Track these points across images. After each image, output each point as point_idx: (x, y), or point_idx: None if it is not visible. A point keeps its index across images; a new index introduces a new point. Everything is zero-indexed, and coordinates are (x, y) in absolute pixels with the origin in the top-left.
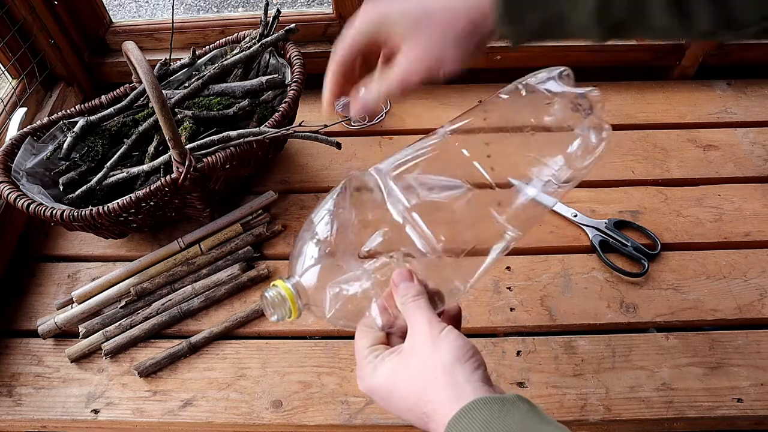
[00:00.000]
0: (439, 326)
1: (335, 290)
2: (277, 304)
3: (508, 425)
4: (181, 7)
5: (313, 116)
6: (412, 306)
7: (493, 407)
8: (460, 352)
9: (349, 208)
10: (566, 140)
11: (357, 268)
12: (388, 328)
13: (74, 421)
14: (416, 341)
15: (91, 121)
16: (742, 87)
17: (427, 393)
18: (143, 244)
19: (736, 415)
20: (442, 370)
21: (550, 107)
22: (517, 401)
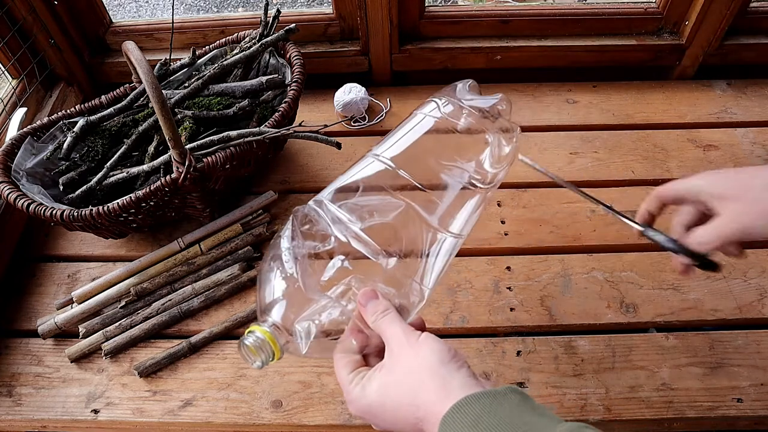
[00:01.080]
0: (414, 334)
1: (306, 325)
2: (258, 348)
3: (498, 418)
4: (181, 7)
5: (313, 116)
6: (384, 321)
7: (484, 401)
8: (442, 354)
9: (302, 242)
10: (480, 144)
11: (322, 299)
12: (363, 350)
13: (74, 421)
14: (396, 352)
15: (91, 121)
16: (742, 87)
17: (416, 398)
18: (143, 244)
19: (736, 415)
20: (428, 373)
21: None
22: (509, 393)
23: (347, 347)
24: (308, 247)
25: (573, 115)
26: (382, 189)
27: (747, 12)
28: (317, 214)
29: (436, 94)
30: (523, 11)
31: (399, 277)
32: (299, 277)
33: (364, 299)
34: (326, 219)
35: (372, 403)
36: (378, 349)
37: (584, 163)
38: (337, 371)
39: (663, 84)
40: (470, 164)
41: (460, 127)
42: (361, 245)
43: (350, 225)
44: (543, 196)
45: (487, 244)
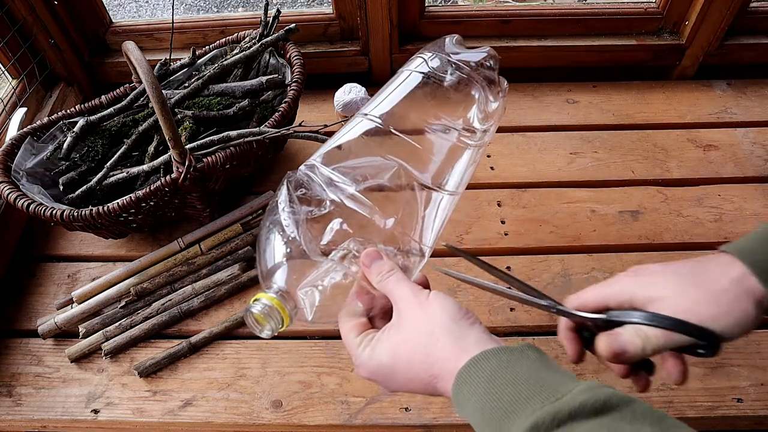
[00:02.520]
0: (423, 292)
1: (310, 290)
2: (266, 315)
3: (515, 373)
4: (181, 7)
5: (313, 116)
6: (390, 281)
7: (501, 357)
8: (453, 311)
9: (298, 207)
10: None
11: (324, 262)
12: (369, 312)
13: (74, 421)
14: (405, 311)
15: (91, 121)
16: (742, 87)
17: (430, 355)
18: (143, 244)
19: (736, 415)
20: (440, 330)
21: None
22: (526, 350)
23: (352, 310)
24: (304, 211)
25: (573, 115)
26: (373, 150)
27: (747, 12)
28: (310, 178)
29: (423, 49)
30: (523, 11)
31: (398, 237)
32: (301, 240)
33: (368, 260)
34: (320, 182)
35: (382, 363)
36: (384, 310)
37: (584, 163)
38: (344, 335)
39: (663, 84)
40: (459, 120)
41: (447, 82)
42: (358, 206)
43: (345, 187)
44: (543, 196)
45: (487, 244)
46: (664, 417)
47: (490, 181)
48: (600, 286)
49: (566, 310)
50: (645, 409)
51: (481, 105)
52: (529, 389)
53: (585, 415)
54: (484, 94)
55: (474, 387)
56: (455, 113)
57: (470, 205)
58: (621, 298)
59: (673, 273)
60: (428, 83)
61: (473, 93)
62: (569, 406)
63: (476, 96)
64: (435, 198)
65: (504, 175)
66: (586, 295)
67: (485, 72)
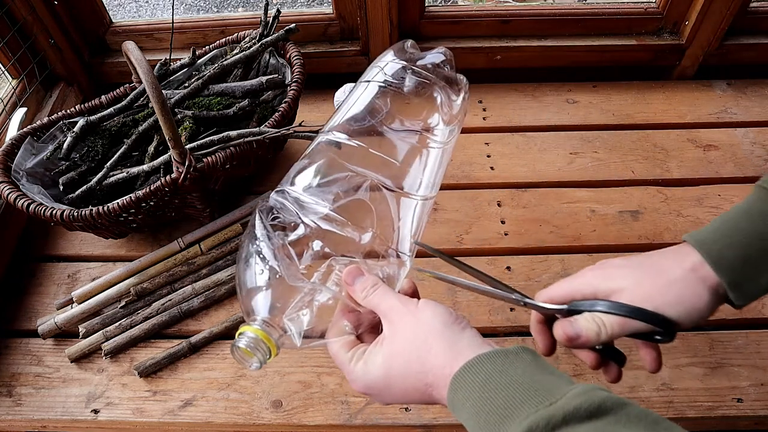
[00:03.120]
0: (412, 301)
1: (295, 316)
2: (252, 348)
3: (509, 377)
4: (181, 7)
5: (313, 116)
6: (376, 295)
7: (496, 360)
8: (444, 316)
9: (272, 234)
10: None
11: (306, 285)
12: (357, 329)
13: (74, 421)
14: (396, 322)
15: (91, 121)
16: (742, 87)
17: (424, 363)
18: (143, 244)
19: (736, 415)
20: (434, 337)
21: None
22: (521, 352)
23: (340, 330)
24: (280, 238)
25: (573, 115)
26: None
27: (747, 12)
28: (282, 204)
29: (379, 58)
30: (523, 11)
31: (377, 249)
32: (279, 267)
33: (350, 278)
34: (292, 206)
35: (376, 377)
36: (372, 325)
37: (584, 163)
38: (334, 354)
39: (663, 84)
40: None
41: (406, 87)
42: (332, 225)
43: (317, 207)
44: (543, 196)
45: (487, 244)
46: (659, 420)
47: (490, 181)
48: (566, 281)
49: (533, 303)
50: (640, 412)
51: (443, 105)
52: (524, 393)
53: (579, 419)
54: (445, 94)
55: (469, 392)
56: (418, 116)
57: (470, 205)
58: (586, 290)
59: (632, 265)
60: (388, 91)
61: (434, 95)
62: (563, 410)
63: (437, 97)
64: (409, 204)
65: (504, 175)
66: (553, 289)
67: (444, 72)
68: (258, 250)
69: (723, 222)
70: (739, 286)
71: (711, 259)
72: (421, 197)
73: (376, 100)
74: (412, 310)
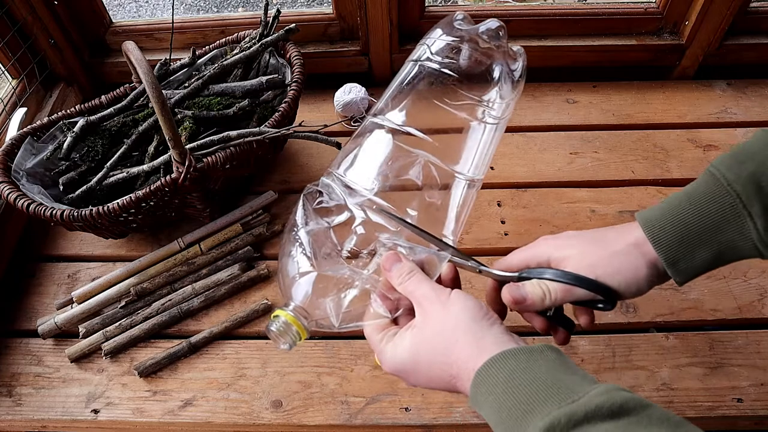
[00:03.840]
0: (444, 291)
1: (333, 299)
2: (283, 331)
3: (533, 374)
4: (181, 7)
5: (313, 116)
6: (411, 282)
7: (520, 357)
8: (474, 311)
9: (317, 219)
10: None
11: (346, 270)
12: (394, 312)
13: (74, 421)
14: (427, 310)
15: (91, 121)
16: (742, 87)
17: (449, 355)
18: (143, 244)
19: (736, 415)
20: (461, 330)
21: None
22: (546, 350)
23: (376, 314)
24: (324, 222)
25: (573, 115)
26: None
27: (747, 12)
28: (330, 188)
29: (427, 35)
30: (523, 11)
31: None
32: (316, 256)
33: (388, 264)
34: (339, 190)
35: (405, 361)
36: (408, 310)
37: (584, 163)
38: (368, 336)
39: (663, 84)
40: (479, 98)
41: (462, 61)
42: (377, 211)
43: (362, 191)
44: (543, 196)
45: (487, 244)
46: (681, 423)
47: (490, 181)
48: (523, 249)
49: (488, 270)
50: (662, 414)
51: (501, 77)
52: (547, 390)
53: (600, 418)
54: (503, 65)
55: (492, 387)
56: (474, 91)
57: None
58: (541, 258)
59: (582, 237)
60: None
61: (492, 66)
62: (585, 408)
63: (495, 69)
64: (457, 186)
65: (504, 175)
66: (510, 257)
67: (499, 43)
68: (296, 237)
69: (668, 202)
70: (676, 263)
71: (651, 236)
72: (469, 178)
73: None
74: (443, 300)
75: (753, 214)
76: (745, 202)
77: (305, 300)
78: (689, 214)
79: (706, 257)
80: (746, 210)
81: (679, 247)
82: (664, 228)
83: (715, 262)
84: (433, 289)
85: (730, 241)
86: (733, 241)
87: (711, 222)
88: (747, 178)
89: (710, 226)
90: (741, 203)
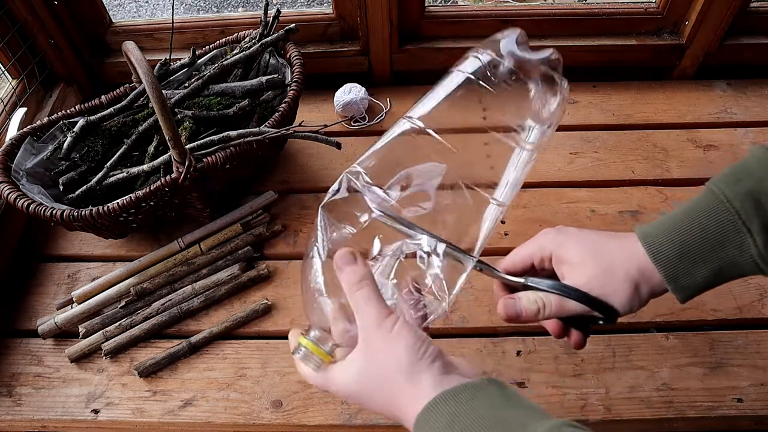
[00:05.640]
0: (390, 319)
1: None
2: (306, 359)
3: (475, 414)
4: (181, 7)
5: (313, 116)
6: (360, 295)
7: (460, 398)
8: (413, 349)
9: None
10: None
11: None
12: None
13: (74, 421)
14: (369, 338)
15: (91, 121)
16: (742, 87)
17: (393, 397)
18: (143, 244)
19: (736, 415)
20: (401, 375)
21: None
22: (487, 386)
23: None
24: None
25: (573, 115)
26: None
27: (747, 12)
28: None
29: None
30: (523, 11)
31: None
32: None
33: (341, 262)
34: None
35: (352, 390)
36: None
37: (584, 163)
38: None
39: (663, 84)
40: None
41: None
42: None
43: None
44: (543, 196)
45: (487, 244)
46: None
47: None
48: (525, 246)
49: (491, 269)
50: None
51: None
52: (490, 431)
53: None
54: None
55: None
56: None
57: None
58: (543, 253)
59: (582, 242)
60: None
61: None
62: None
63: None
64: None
65: None
66: (513, 257)
67: (544, 70)
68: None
69: (668, 218)
70: (676, 280)
71: (651, 252)
72: (498, 202)
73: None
74: (386, 330)
75: (752, 231)
76: (744, 219)
77: (325, 323)
78: (689, 230)
79: (706, 274)
80: (745, 226)
81: (679, 263)
82: (663, 244)
83: (716, 279)
84: (378, 314)
85: (730, 258)
86: (733, 257)
87: (711, 238)
88: (745, 195)
89: (710, 243)
90: (740, 220)
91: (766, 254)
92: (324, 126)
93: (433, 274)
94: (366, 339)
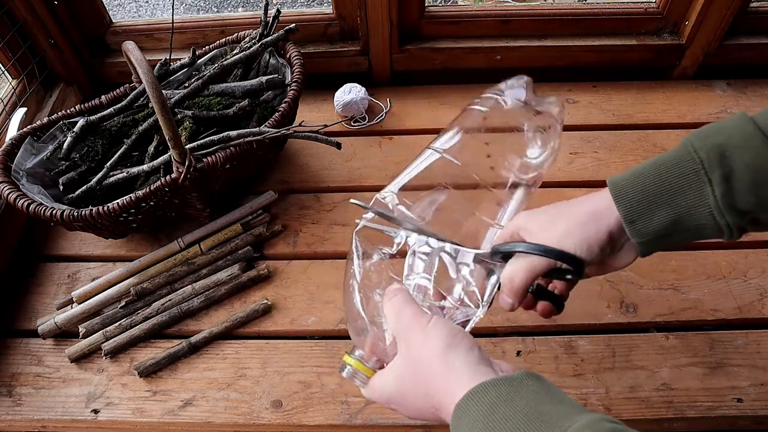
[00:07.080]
0: (425, 316)
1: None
2: (352, 376)
3: (513, 407)
4: (181, 7)
5: (313, 116)
6: (395, 301)
7: (500, 389)
8: (450, 336)
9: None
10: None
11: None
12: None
13: (74, 421)
14: (409, 339)
15: (91, 121)
16: (742, 87)
17: (429, 387)
18: (143, 244)
19: (736, 415)
20: (437, 361)
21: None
22: (526, 379)
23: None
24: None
25: (573, 115)
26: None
27: (747, 12)
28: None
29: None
30: (523, 11)
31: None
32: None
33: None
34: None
35: (391, 393)
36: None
37: (584, 163)
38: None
39: (663, 84)
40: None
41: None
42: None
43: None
44: (543, 196)
45: None
46: None
47: None
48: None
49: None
50: None
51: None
52: (528, 423)
53: None
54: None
55: (472, 421)
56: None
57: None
58: (516, 230)
59: (547, 210)
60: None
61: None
62: None
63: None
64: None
65: None
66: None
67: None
68: (353, 285)
69: (639, 166)
70: (634, 222)
71: (615, 194)
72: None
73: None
74: (421, 329)
75: (713, 181)
76: (707, 169)
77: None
78: (653, 175)
79: (663, 220)
80: (707, 176)
81: (638, 206)
82: (626, 186)
83: (673, 228)
84: (414, 313)
85: (689, 206)
86: (691, 206)
87: (673, 183)
88: (712, 147)
89: (670, 189)
90: (703, 169)
91: (723, 206)
92: (324, 126)
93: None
94: (403, 339)
